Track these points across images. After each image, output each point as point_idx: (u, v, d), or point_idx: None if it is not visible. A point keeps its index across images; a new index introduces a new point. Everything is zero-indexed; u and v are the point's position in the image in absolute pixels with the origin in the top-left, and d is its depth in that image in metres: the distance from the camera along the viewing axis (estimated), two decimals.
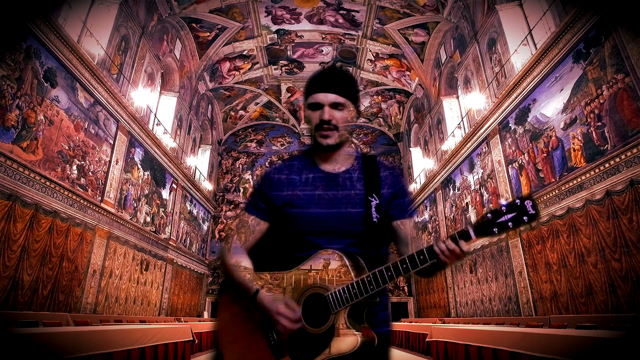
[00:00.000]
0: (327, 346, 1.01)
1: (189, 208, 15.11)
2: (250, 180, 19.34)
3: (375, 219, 1.15)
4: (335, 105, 1.15)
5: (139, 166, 10.85)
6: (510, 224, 0.93)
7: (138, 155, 10.78)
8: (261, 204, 1.23)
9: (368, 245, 1.15)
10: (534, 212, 0.91)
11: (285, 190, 1.21)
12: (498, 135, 9.59)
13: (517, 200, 0.93)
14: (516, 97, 8.70)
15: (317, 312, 1.04)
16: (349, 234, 1.15)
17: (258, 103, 18.78)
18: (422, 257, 0.99)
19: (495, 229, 0.94)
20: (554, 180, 7.49)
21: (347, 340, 1.00)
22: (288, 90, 17.95)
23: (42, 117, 6.92)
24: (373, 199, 1.17)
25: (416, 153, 17.37)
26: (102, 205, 8.79)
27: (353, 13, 13.24)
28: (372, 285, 1.01)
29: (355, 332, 1.01)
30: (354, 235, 1.15)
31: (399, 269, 1.00)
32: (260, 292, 1.06)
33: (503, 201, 0.95)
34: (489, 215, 0.95)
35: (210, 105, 17.40)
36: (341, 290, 1.03)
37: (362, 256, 1.11)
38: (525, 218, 0.92)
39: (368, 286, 1.01)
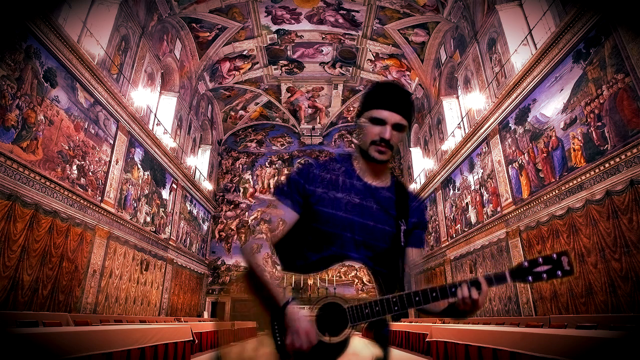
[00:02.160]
0: (338, 356, 1.02)
1: (189, 208, 15.11)
2: (250, 180, 19.34)
3: (402, 243, 1.19)
4: (397, 126, 1.16)
5: (139, 166, 10.85)
6: (544, 275, 0.99)
7: (138, 155, 10.78)
8: (297, 197, 1.22)
9: (383, 263, 1.18)
10: (568, 268, 0.97)
11: (322, 187, 1.22)
12: (498, 135, 9.59)
13: (555, 255, 0.98)
14: (516, 97, 8.70)
15: (332, 322, 1.05)
16: (370, 247, 1.17)
17: (258, 103, 18.78)
18: (453, 290, 1.01)
19: (530, 277, 1.00)
20: (554, 180, 7.49)
21: (362, 355, 1.02)
22: (288, 90, 17.95)
23: (42, 117, 6.92)
24: (402, 224, 1.21)
25: (416, 153, 17.36)
26: (102, 205, 8.79)
27: (353, 13, 13.25)
28: (397, 307, 1.03)
29: (370, 346, 1.03)
30: (375, 250, 1.17)
31: (428, 296, 1.02)
32: (290, 304, 1.04)
33: (543, 255, 1.00)
34: (525, 263, 1.01)
35: (210, 105, 17.40)
36: (363, 306, 1.04)
37: (378, 273, 1.13)
38: (559, 272, 0.98)
39: (393, 307, 1.03)
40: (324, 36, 14.64)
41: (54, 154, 7.25)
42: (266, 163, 19.69)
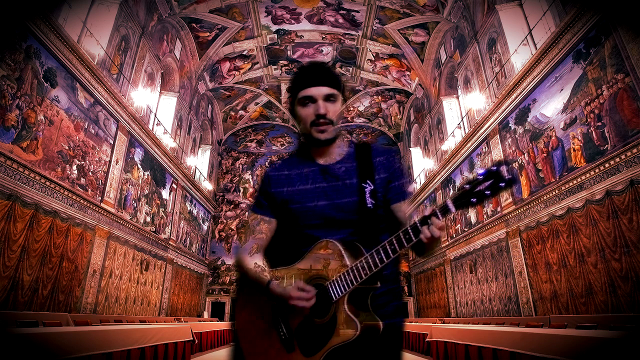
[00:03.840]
0: (331, 335, 1.02)
1: (189, 208, 15.11)
2: (250, 180, 19.34)
3: (370, 205, 1.15)
4: (328, 98, 1.16)
5: (139, 166, 10.85)
6: (488, 192, 0.92)
7: (138, 155, 10.78)
8: (264, 202, 1.26)
9: (367, 234, 1.15)
10: (509, 176, 0.91)
11: (284, 187, 1.23)
12: (498, 135, 9.59)
13: (493, 167, 0.92)
14: (516, 97, 8.70)
15: (320, 302, 1.04)
16: (345, 223, 1.16)
17: (258, 103, 18.78)
18: (407, 237, 0.99)
19: (473, 199, 0.94)
20: (554, 180, 7.49)
21: (349, 327, 1.01)
22: (288, 90, 17.92)
23: (42, 117, 6.92)
24: (367, 185, 1.17)
25: (416, 153, 17.37)
26: (102, 205, 8.79)
27: (353, 13, 13.24)
28: (365, 270, 1.01)
29: (357, 320, 1.01)
30: (351, 225, 1.16)
31: (387, 250, 1.00)
32: (272, 282, 1.08)
33: (480, 170, 0.94)
34: (466, 185, 0.95)
35: (210, 105, 17.40)
36: (339, 278, 1.04)
37: (363, 245, 1.10)
38: (502, 184, 0.91)
39: (362, 271, 1.01)
40: (324, 36, 14.64)
41: (54, 154, 7.25)
42: (266, 163, 19.68)
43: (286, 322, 1.08)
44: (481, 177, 0.93)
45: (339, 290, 1.04)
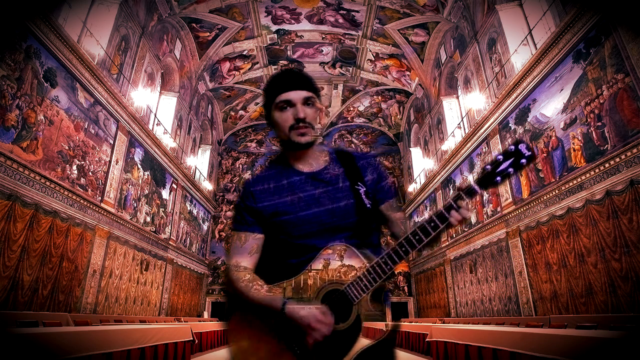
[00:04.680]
0: (356, 338, 1.02)
1: (189, 208, 15.11)
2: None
3: (368, 205, 1.16)
4: (306, 101, 1.15)
5: (139, 166, 10.85)
6: (510, 169, 0.95)
7: (138, 155, 10.78)
8: (249, 218, 1.19)
9: (364, 235, 1.16)
10: (529, 153, 0.93)
11: (270, 200, 1.19)
12: (498, 135, 9.59)
13: (512, 147, 0.95)
14: (516, 97, 8.70)
15: (337, 308, 1.03)
16: (343, 227, 1.15)
17: (258, 103, 18.77)
18: (433, 224, 1.00)
19: (497, 178, 0.97)
20: (554, 180, 7.49)
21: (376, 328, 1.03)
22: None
23: (42, 117, 6.92)
24: (360, 187, 1.18)
25: (416, 153, 17.37)
26: (102, 205, 8.79)
27: (353, 13, 13.24)
28: (388, 265, 1.02)
29: (380, 318, 1.03)
30: (349, 228, 1.15)
31: (412, 241, 1.01)
32: (287, 305, 1.02)
33: (499, 152, 0.98)
34: (488, 167, 0.98)
35: (210, 105, 17.40)
36: (358, 279, 1.03)
37: (361, 246, 1.11)
38: (523, 161, 0.94)
39: (385, 267, 1.02)
40: (324, 36, 14.64)
41: (54, 154, 7.25)
42: (266, 163, 19.69)
43: (299, 338, 1.02)
44: (501, 157, 0.96)
45: (359, 290, 1.03)
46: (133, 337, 4.44)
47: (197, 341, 7.00)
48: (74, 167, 7.87)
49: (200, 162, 17.03)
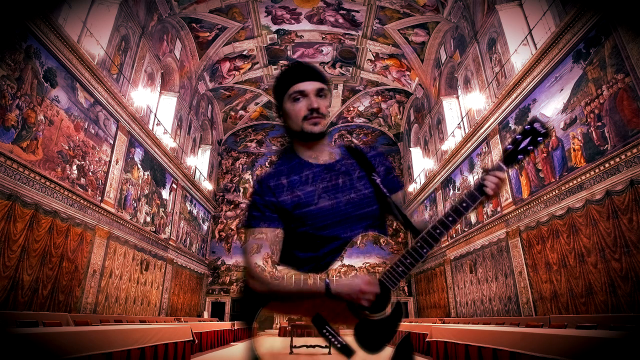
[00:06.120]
0: (399, 323, 1.06)
1: (189, 208, 15.11)
2: (250, 180, 19.33)
3: (387, 193, 1.20)
4: (319, 93, 1.17)
5: (139, 166, 10.85)
6: (530, 147, 1.07)
7: (138, 155, 10.78)
8: (270, 213, 1.17)
9: (383, 223, 1.20)
10: (544, 130, 1.05)
11: (290, 193, 1.17)
12: (498, 135, 9.59)
13: (527, 126, 1.06)
14: (516, 97, 8.70)
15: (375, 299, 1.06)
16: (365, 216, 1.17)
17: (258, 103, 18.78)
18: (465, 204, 1.06)
19: (520, 156, 1.07)
20: (554, 180, 7.49)
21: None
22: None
23: (42, 117, 6.92)
24: (376, 177, 1.22)
25: (416, 153, 17.37)
26: (102, 205, 8.79)
27: (353, 13, 13.24)
28: (424, 249, 1.05)
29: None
30: (371, 216, 1.18)
31: (446, 222, 1.06)
32: (330, 282, 1.02)
33: (516, 134, 1.07)
34: (509, 146, 1.07)
35: (210, 105, 17.40)
36: (395, 266, 1.06)
37: (381, 234, 1.18)
38: (540, 138, 1.06)
39: (421, 251, 1.05)
40: (324, 36, 14.64)
41: (54, 154, 7.25)
42: (266, 163, 19.69)
43: (335, 330, 1.03)
44: (519, 137, 1.06)
45: (397, 276, 1.06)
46: (133, 337, 4.44)
47: (197, 341, 7.00)
48: (74, 167, 7.87)
49: (200, 162, 17.03)
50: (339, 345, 1.02)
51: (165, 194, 12.68)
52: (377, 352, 1.02)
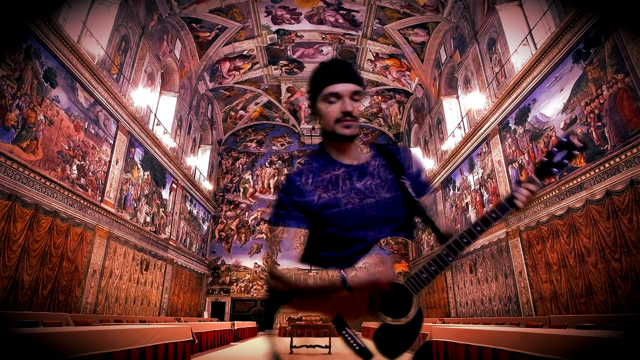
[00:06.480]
0: (420, 329, 1.05)
1: (189, 208, 15.11)
2: (250, 180, 19.34)
3: (415, 197, 1.19)
4: (354, 95, 1.15)
5: (139, 166, 10.85)
6: (565, 160, 1.04)
7: (138, 155, 10.78)
8: (297, 213, 1.16)
9: (409, 226, 1.20)
10: (581, 144, 1.02)
11: (318, 193, 1.18)
12: (498, 135, 9.59)
13: (564, 139, 1.03)
14: (516, 97, 8.70)
15: (394, 304, 1.05)
16: (392, 219, 1.17)
17: (258, 103, 18.78)
18: (494, 215, 1.05)
19: (554, 169, 1.04)
20: (554, 180, 7.49)
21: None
22: (288, 90, 17.95)
23: (42, 117, 6.92)
24: (404, 180, 1.21)
25: (416, 153, 17.35)
26: (102, 205, 8.79)
27: (353, 13, 13.25)
28: (450, 257, 1.06)
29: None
30: (398, 220, 1.18)
31: (473, 232, 1.06)
32: (345, 276, 1.02)
33: (553, 145, 1.05)
34: (544, 158, 1.05)
35: (210, 105, 17.40)
36: (419, 272, 1.06)
37: (406, 238, 1.19)
38: (576, 152, 1.03)
39: (446, 258, 1.06)
40: (324, 36, 14.64)
41: (54, 154, 7.25)
42: (266, 163, 19.69)
43: (355, 332, 1.04)
44: (555, 149, 1.04)
45: (421, 283, 1.05)
46: (133, 337, 4.44)
47: (197, 341, 7.00)
48: (74, 167, 7.87)
49: (200, 162, 17.03)
50: (357, 348, 1.02)
51: (165, 194, 12.68)
52: (396, 358, 1.02)
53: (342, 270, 1.03)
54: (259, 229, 18.39)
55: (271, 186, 19.15)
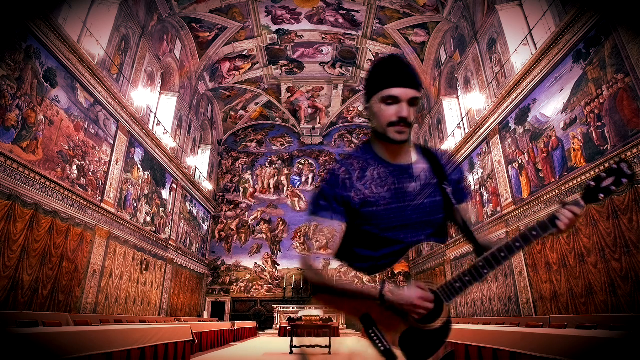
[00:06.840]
0: (446, 336, 1.05)
1: (189, 208, 15.11)
2: (250, 180, 19.33)
3: (455, 204, 1.19)
4: (412, 101, 1.12)
5: (139, 166, 10.85)
6: (612, 187, 1.01)
7: (138, 155, 10.78)
8: (337, 206, 1.15)
9: (444, 233, 1.20)
10: (630, 172, 1.00)
11: (360, 189, 1.17)
12: (498, 135, 9.59)
13: (614, 165, 1.01)
14: (516, 97, 8.70)
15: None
16: (429, 224, 1.17)
17: (258, 103, 18.78)
18: (535, 233, 1.04)
19: (601, 195, 1.02)
20: (554, 180, 7.49)
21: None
22: (288, 90, 17.95)
23: (42, 117, 6.92)
24: (446, 186, 1.20)
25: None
26: (102, 205, 8.79)
27: (353, 13, 13.25)
28: (485, 270, 1.06)
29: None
30: (435, 225, 1.18)
31: (512, 247, 1.05)
32: (385, 289, 1.03)
33: (602, 171, 1.04)
34: (592, 183, 1.03)
35: (210, 105, 17.40)
36: (453, 282, 1.06)
37: (439, 243, 1.20)
38: (624, 180, 1.00)
39: (481, 271, 1.07)
40: (324, 36, 14.64)
41: (54, 154, 7.25)
42: (266, 163, 19.69)
43: (382, 332, 1.04)
44: (604, 175, 1.02)
45: (454, 291, 1.06)
46: (133, 337, 4.44)
47: (197, 341, 7.00)
48: (74, 167, 7.87)
49: (200, 162, 17.03)
50: (382, 349, 1.02)
51: (165, 194, 12.68)
52: None
53: (383, 284, 1.04)
54: (259, 229, 18.39)
55: (271, 186, 19.15)
